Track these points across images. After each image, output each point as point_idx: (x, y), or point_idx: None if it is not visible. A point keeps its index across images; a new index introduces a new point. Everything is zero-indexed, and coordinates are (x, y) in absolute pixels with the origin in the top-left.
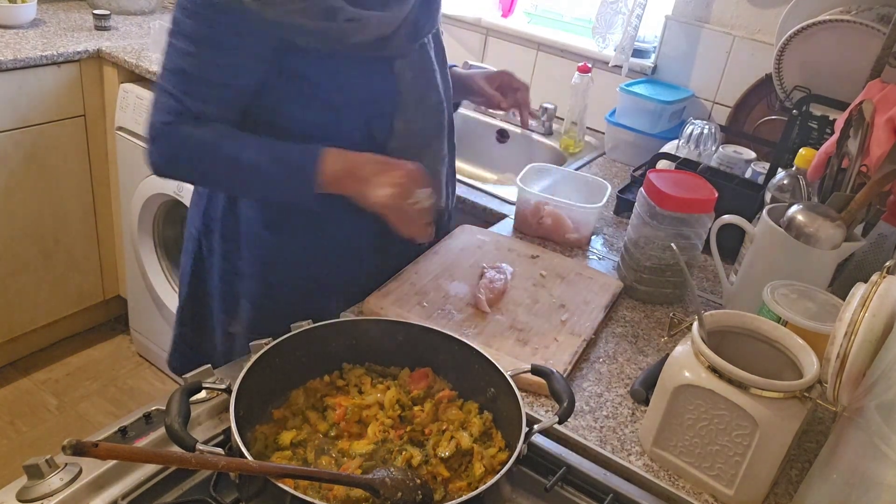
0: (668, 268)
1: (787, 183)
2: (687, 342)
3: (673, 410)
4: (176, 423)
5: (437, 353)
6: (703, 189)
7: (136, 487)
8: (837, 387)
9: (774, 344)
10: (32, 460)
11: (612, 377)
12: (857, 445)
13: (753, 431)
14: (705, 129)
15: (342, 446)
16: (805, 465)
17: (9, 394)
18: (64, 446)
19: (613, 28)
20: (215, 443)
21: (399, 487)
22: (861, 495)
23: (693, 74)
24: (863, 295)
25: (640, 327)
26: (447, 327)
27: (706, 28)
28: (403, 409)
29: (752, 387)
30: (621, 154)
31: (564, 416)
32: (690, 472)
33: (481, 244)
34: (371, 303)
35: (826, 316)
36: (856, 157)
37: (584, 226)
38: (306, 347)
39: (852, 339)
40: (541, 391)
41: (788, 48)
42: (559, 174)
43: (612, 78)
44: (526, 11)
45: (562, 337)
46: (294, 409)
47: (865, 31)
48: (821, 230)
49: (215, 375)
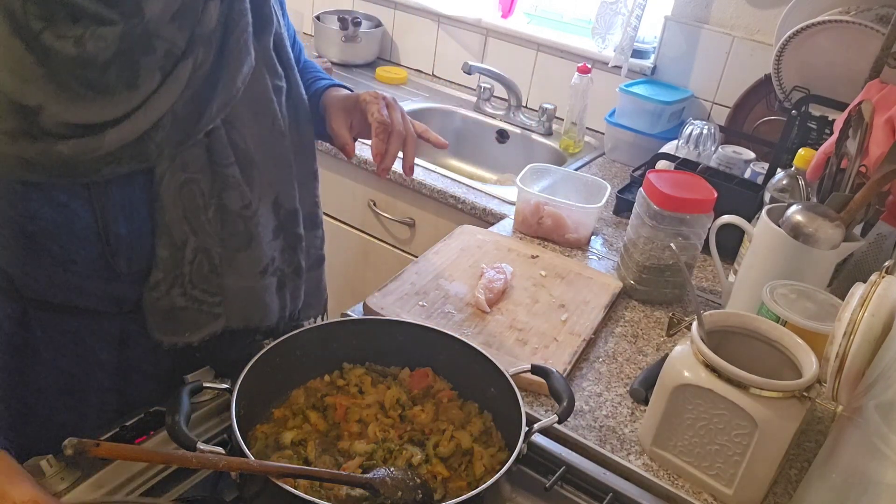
0: (667, 268)
1: (787, 183)
2: (686, 342)
3: (672, 410)
4: (177, 422)
5: (437, 353)
6: (703, 189)
7: (136, 487)
8: (836, 386)
9: (773, 344)
10: (33, 460)
11: (612, 377)
12: (856, 445)
13: (753, 431)
14: (704, 129)
15: (342, 446)
16: (804, 465)
17: None
18: (65, 445)
19: (613, 28)
20: (216, 442)
21: (399, 487)
22: (860, 495)
23: (692, 75)
24: (862, 295)
25: (639, 327)
26: (447, 327)
27: (705, 28)
28: (403, 408)
29: (751, 386)
30: (621, 154)
31: (564, 416)
32: (690, 472)
33: (481, 244)
34: (371, 303)
35: (825, 316)
36: (855, 157)
37: (584, 226)
38: (307, 347)
39: (851, 338)
40: (541, 391)
41: (788, 49)
42: (559, 174)
43: (612, 78)
44: (526, 12)
45: (561, 337)
46: (294, 408)
47: (864, 31)
48: (820, 230)
49: (216, 375)
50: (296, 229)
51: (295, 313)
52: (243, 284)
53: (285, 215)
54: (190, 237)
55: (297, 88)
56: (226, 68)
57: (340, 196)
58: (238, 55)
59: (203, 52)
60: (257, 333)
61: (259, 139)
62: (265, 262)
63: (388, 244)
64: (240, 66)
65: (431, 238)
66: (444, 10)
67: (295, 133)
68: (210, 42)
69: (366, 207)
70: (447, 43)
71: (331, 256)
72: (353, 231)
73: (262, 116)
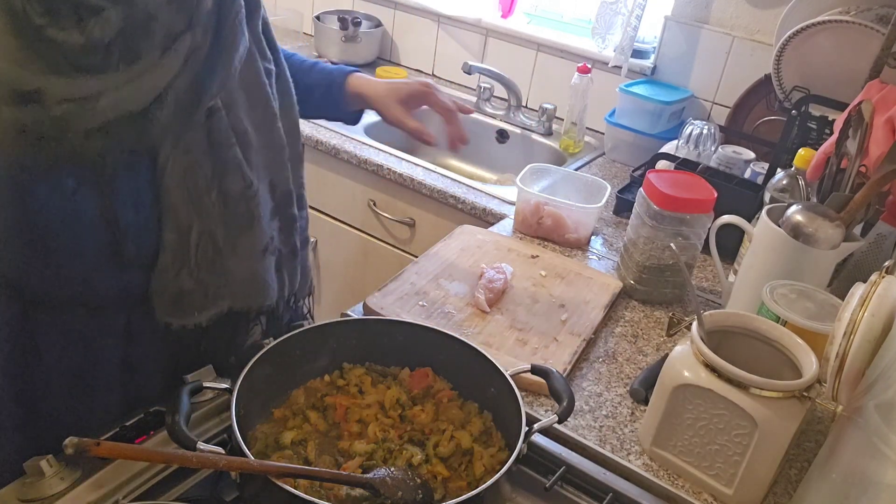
0: (667, 268)
1: (787, 183)
2: (686, 342)
3: (672, 410)
4: (177, 422)
5: (437, 353)
6: (703, 189)
7: (137, 487)
8: (836, 386)
9: (773, 344)
10: (33, 459)
11: (612, 377)
12: (856, 445)
13: (752, 431)
14: (704, 129)
15: (342, 446)
16: (804, 465)
17: None
18: (66, 445)
19: (613, 29)
20: (216, 442)
21: (399, 487)
22: (860, 495)
23: (692, 75)
24: (862, 295)
25: (639, 327)
26: (447, 327)
27: (705, 28)
28: (403, 408)
29: (751, 386)
30: (621, 154)
31: (564, 416)
32: (690, 472)
33: (481, 244)
34: (371, 303)
35: (825, 316)
36: (855, 157)
37: (584, 226)
38: (307, 347)
39: (851, 338)
40: (541, 391)
41: (787, 49)
42: (559, 174)
43: (612, 78)
44: (526, 12)
45: (561, 336)
46: (294, 408)
47: (864, 31)
48: (820, 230)
49: (216, 375)
50: (290, 209)
51: (292, 294)
52: (245, 265)
53: (280, 197)
54: (195, 220)
55: (284, 72)
56: (223, 49)
57: (340, 196)
58: (234, 36)
59: (201, 33)
60: (259, 315)
61: (255, 123)
62: (265, 242)
63: (388, 244)
64: (236, 46)
65: (431, 238)
66: (444, 10)
67: (285, 116)
68: (207, 24)
69: (366, 207)
70: (447, 43)
71: (331, 256)
72: (353, 231)
73: (257, 100)
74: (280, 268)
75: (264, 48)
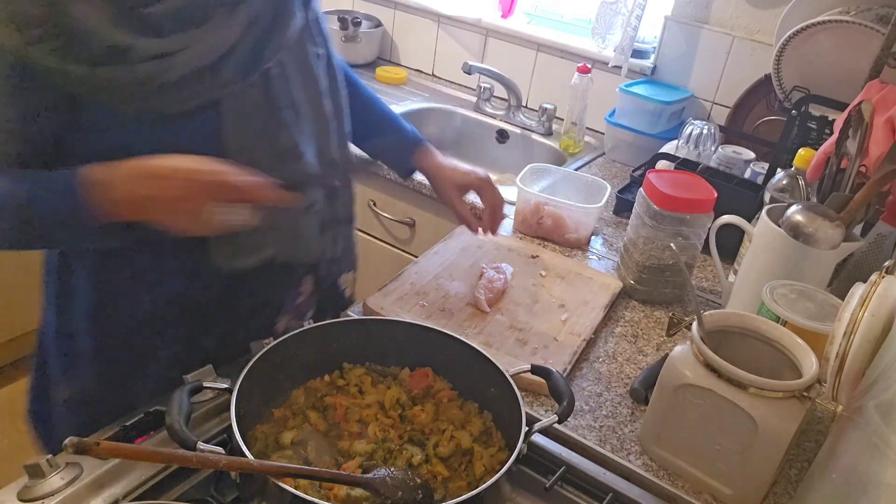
0: (667, 268)
1: (787, 183)
2: (686, 342)
3: (672, 410)
4: (177, 422)
5: (437, 353)
6: (703, 189)
7: (137, 487)
8: (836, 386)
9: (773, 344)
10: (33, 459)
11: (612, 377)
12: (856, 445)
13: (753, 431)
14: (704, 129)
15: (342, 446)
16: (804, 465)
17: (10, 393)
18: (65, 445)
19: (613, 29)
20: (216, 442)
21: (399, 487)
22: (860, 495)
23: (692, 75)
24: (862, 295)
25: (639, 327)
26: (447, 327)
27: (705, 28)
28: (403, 408)
29: (751, 386)
30: (621, 154)
31: (564, 416)
32: (690, 472)
33: (481, 244)
34: (371, 303)
35: (825, 316)
36: (855, 157)
37: (584, 226)
38: (307, 347)
39: (851, 338)
40: (541, 391)
41: (787, 49)
42: (559, 174)
43: (612, 78)
44: (526, 12)
45: (561, 337)
46: (294, 408)
47: (864, 31)
48: (820, 230)
49: (216, 375)
50: (333, 180)
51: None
52: (290, 219)
53: (325, 165)
54: None
55: (333, 61)
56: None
57: None
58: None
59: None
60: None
61: (304, 94)
62: (310, 201)
63: (388, 244)
64: (290, 19)
65: (431, 238)
66: (444, 10)
67: (334, 96)
68: None
69: (366, 207)
70: (447, 43)
71: None
72: None
73: (307, 76)
74: (324, 232)
75: (313, 36)
